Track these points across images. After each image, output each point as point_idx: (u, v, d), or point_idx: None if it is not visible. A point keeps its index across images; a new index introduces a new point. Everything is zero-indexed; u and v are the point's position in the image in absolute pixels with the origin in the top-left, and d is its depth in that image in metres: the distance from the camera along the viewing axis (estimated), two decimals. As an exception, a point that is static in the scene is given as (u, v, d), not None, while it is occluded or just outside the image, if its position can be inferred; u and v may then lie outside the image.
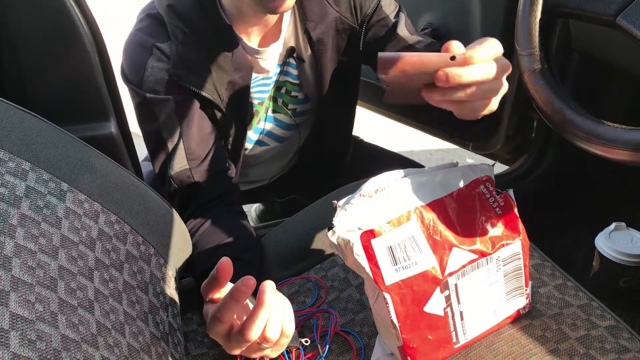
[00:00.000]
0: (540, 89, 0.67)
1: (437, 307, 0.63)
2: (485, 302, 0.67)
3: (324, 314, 0.76)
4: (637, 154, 0.55)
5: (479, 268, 0.65)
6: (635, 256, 1.07)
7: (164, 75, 0.85)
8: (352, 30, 0.96)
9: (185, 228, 0.83)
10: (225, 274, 0.61)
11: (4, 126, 0.60)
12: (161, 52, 0.85)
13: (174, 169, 0.87)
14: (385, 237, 0.60)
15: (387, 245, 0.60)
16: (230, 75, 0.88)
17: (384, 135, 2.05)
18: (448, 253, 0.62)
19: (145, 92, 0.85)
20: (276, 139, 1.08)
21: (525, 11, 0.72)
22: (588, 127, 0.60)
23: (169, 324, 0.68)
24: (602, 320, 0.71)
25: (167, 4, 0.85)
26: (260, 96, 0.99)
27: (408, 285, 0.60)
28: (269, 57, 0.94)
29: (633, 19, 0.62)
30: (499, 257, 0.66)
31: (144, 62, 0.84)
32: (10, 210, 0.53)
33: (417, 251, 0.61)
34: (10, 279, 0.48)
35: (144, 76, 0.84)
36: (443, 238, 0.63)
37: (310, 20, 0.92)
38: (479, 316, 0.67)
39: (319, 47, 0.95)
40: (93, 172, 0.68)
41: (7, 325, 0.44)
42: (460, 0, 1.23)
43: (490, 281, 0.66)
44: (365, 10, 0.95)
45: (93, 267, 0.59)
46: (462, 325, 0.66)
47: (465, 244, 0.63)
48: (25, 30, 0.76)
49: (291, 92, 1.02)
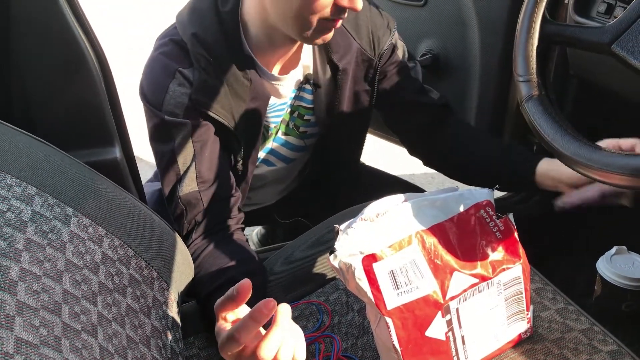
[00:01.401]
0: (537, 114, 0.68)
1: (439, 332, 0.63)
2: (486, 327, 0.67)
3: (326, 339, 0.76)
4: (631, 178, 0.56)
5: (480, 292, 0.65)
6: (637, 280, 1.07)
7: (185, 100, 0.87)
8: (370, 62, 1.01)
9: (187, 252, 0.84)
10: (244, 294, 0.61)
11: (12, 152, 0.61)
12: (184, 77, 0.87)
13: (183, 191, 0.88)
14: (387, 261, 0.61)
15: (389, 270, 0.61)
16: (247, 104, 0.91)
17: (385, 159, 2.06)
18: (449, 277, 0.63)
19: (164, 115, 0.87)
20: (283, 159, 1.10)
21: (523, 39, 0.74)
22: (584, 152, 0.61)
23: (171, 348, 0.68)
24: (604, 345, 0.71)
25: (192, 32, 0.88)
26: (276, 120, 1.02)
27: (410, 310, 0.61)
28: (288, 84, 0.98)
29: (628, 47, 0.63)
30: (500, 281, 0.66)
31: (166, 85, 0.87)
32: (16, 234, 0.54)
33: (419, 275, 0.61)
34: (15, 303, 0.48)
35: (165, 99, 0.87)
36: (444, 262, 0.63)
37: (335, 52, 0.96)
38: (480, 340, 0.67)
39: (342, 76, 0.99)
40: (97, 196, 0.68)
41: (11, 349, 0.44)
42: (460, 27, 1.25)
43: (491, 305, 0.66)
44: (382, 46, 1.01)
45: (97, 291, 0.59)
46: (464, 350, 0.66)
47: (466, 268, 0.64)
48: (35, 59, 0.78)
49: (304, 116, 1.05)
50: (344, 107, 1.03)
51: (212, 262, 0.85)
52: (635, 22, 0.63)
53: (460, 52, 1.28)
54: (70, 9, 0.75)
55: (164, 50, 0.89)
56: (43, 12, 0.74)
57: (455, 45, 1.28)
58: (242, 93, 0.90)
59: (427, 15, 1.32)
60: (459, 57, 1.29)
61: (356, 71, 1.01)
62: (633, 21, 0.64)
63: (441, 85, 1.35)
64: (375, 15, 1.01)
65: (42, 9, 0.73)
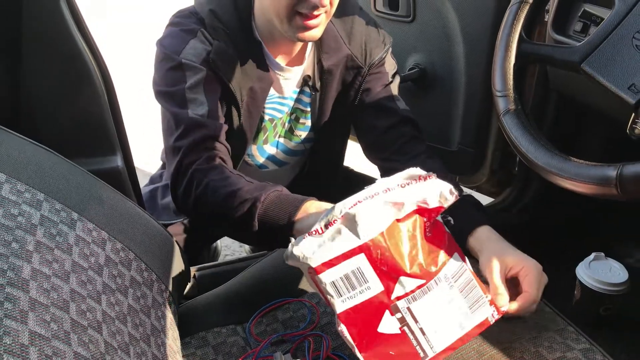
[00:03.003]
0: (513, 127, 0.73)
1: (392, 327, 0.69)
2: (447, 318, 0.72)
3: (317, 338, 0.80)
4: (598, 187, 0.61)
5: (430, 290, 0.71)
6: (614, 285, 1.12)
7: (204, 54, 0.93)
8: (359, 70, 1.06)
9: (183, 257, 0.88)
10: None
11: (21, 160, 0.65)
12: (205, 37, 0.94)
13: (191, 114, 0.92)
14: (329, 273, 0.67)
15: (331, 281, 0.67)
16: (253, 82, 0.98)
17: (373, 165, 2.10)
18: (395, 280, 0.69)
19: (182, 58, 0.93)
20: (278, 162, 1.15)
21: (501, 57, 0.79)
22: (555, 162, 0.66)
23: (169, 346, 0.72)
24: (577, 343, 0.76)
25: (210, 8, 0.95)
26: (272, 113, 1.07)
27: (357, 312, 0.68)
28: (291, 78, 1.04)
29: (595, 65, 0.69)
30: (446, 275, 0.72)
31: (187, 39, 0.94)
32: (27, 237, 0.58)
33: (363, 282, 0.68)
34: (28, 300, 0.52)
35: (185, 48, 0.93)
36: (390, 268, 0.69)
37: (325, 52, 1.03)
38: (443, 330, 0.71)
39: (327, 77, 1.05)
40: (101, 202, 0.72)
41: (27, 341, 0.48)
42: (446, 42, 1.30)
43: (447, 299, 0.72)
44: (373, 57, 1.07)
45: (101, 291, 0.63)
46: (427, 340, 0.70)
47: (412, 271, 0.70)
48: (42, 72, 0.82)
49: (300, 119, 1.10)
50: (329, 108, 1.08)
51: (227, 183, 0.87)
52: (602, 43, 0.69)
53: (446, 67, 1.33)
54: (77, 25, 0.79)
55: (183, 20, 0.96)
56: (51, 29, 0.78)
57: (442, 60, 1.33)
58: (250, 71, 0.97)
59: (415, 30, 1.37)
60: (445, 71, 1.34)
61: (344, 75, 1.07)
62: (600, 42, 0.69)
63: (428, 97, 1.40)
64: (373, 30, 1.08)
65: (51, 26, 0.78)
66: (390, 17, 1.41)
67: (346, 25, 1.05)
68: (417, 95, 1.42)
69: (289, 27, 0.91)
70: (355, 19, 1.06)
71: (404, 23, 1.38)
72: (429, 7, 1.31)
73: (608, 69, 0.67)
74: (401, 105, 1.09)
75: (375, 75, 1.08)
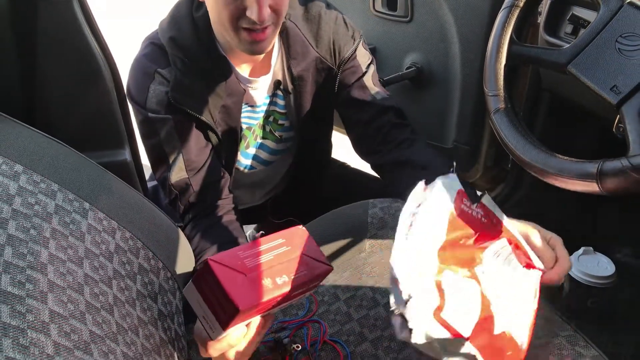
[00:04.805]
0: (503, 125, 0.77)
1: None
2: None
3: (315, 325, 0.85)
4: (580, 182, 0.65)
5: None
6: (601, 278, 1.17)
7: (164, 98, 0.96)
8: (330, 70, 1.07)
9: (188, 245, 0.92)
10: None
11: (37, 152, 0.69)
12: (162, 77, 0.96)
13: (173, 179, 0.98)
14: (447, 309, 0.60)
15: (448, 316, 0.60)
16: (224, 100, 1.00)
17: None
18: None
19: (148, 112, 0.96)
20: (263, 162, 1.18)
21: (492, 58, 0.83)
22: (541, 158, 0.70)
23: (175, 330, 0.76)
24: (562, 330, 0.80)
25: (169, 35, 0.96)
26: (248, 122, 1.10)
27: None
28: (259, 87, 1.05)
29: (580, 67, 0.73)
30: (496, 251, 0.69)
31: (147, 86, 0.96)
32: (43, 224, 0.62)
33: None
34: (47, 282, 0.56)
35: (147, 97, 0.95)
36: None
37: (293, 58, 1.04)
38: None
39: (299, 83, 1.06)
40: (110, 193, 0.76)
41: (47, 319, 0.52)
42: (442, 42, 1.34)
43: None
44: (343, 54, 1.07)
45: (112, 276, 0.67)
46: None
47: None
48: (56, 71, 0.86)
49: (278, 121, 1.13)
50: (308, 110, 1.10)
51: (205, 242, 0.94)
52: (587, 46, 0.73)
53: (442, 66, 1.36)
54: (88, 25, 0.83)
55: (145, 53, 0.98)
56: (64, 29, 0.82)
57: (438, 59, 1.37)
58: (219, 90, 0.98)
59: (412, 30, 1.40)
60: (441, 71, 1.37)
61: (316, 77, 1.07)
62: (586, 45, 0.73)
63: (424, 96, 1.44)
64: (340, 26, 1.07)
65: (63, 26, 0.81)
66: (389, 17, 1.44)
67: (312, 27, 1.04)
68: (414, 94, 1.45)
69: (238, 42, 0.91)
70: (322, 18, 1.05)
71: (402, 23, 1.42)
72: (426, 8, 1.34)
73: (592, 71, 0.71)
74: (379, 96, 1.08)
75: (348, 70, 1.08)
